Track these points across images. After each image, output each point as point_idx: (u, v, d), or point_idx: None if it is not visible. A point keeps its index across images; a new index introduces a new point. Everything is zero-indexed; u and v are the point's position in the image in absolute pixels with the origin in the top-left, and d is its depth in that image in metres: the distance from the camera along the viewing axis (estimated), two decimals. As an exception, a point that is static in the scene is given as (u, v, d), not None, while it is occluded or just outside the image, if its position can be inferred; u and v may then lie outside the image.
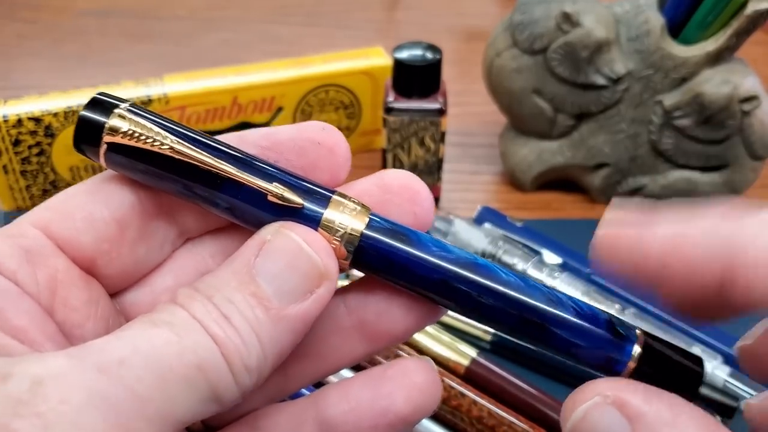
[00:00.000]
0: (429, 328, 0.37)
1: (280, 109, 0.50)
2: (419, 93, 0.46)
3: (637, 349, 0.20)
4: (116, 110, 0.19)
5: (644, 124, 0.47)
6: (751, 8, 0.42)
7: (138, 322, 0.17)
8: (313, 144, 0.20)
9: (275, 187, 0.19)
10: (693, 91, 0.44)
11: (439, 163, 0.48)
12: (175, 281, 0.21)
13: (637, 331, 0.20)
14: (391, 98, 0.46)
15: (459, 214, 0.45)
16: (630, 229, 0.20)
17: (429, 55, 0.45)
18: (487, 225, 0.45)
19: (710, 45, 0.44)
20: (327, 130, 0.20)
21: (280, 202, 0.19)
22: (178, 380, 0.16)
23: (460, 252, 0.20)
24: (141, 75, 0.49)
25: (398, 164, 0.48)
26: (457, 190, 0.51)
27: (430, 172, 0.48)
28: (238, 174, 0.19)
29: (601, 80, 0.46)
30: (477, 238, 0.43)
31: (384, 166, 0.48)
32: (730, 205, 0.19)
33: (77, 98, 0.46)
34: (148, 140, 0.19)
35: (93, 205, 0.20)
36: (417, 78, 0.45)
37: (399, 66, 0.45)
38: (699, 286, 0.19)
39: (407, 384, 0.20)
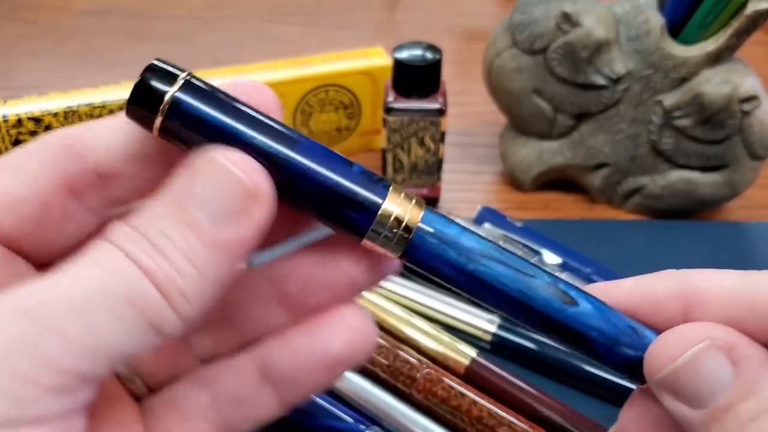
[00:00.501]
0: (429, 328, 0.37)
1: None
2: (419, 93, 0.46)
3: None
4: (181, 76, 0.19)
5: (644, 124, 0.47)
6: (751, 8, 0.42)
7: (66, 263, 0.17)
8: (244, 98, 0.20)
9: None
10: (693, 91, 0.44)
11: (439, 163, 0.48)
12: None
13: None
14: (391, 98, 0.46)
15: (459, 214, 0.45)
16: (598, 285, 0.22)
17: (429, 55, 0.45)
18: (487, 225, 0.45)
19: (710, 45, 0.44)
20: (259, 88, 0.21)
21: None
22: (105, 315, 0.16)
23: (505, 252, 0.21)
24: (141, 75, 0.49)
25: (398, 164, 0.48)
26: (457, 190, 0.51)
27: (430, 172, 0.48)
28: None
29: (600, 80, 0.46)
30: (477, 238, 0.43)
31: (384, 166, 0.48)
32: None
33: (77, 98, 0.46)
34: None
35: (14, 185, 0.19)
36: (417, 78, 0.45)
37: (399, 66, 0.45)
38: (664, 321, 0.20)
39: (344, 328, 0.20)
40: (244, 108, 0.19)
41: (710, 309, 0.20)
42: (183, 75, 0.19)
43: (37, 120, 0.45)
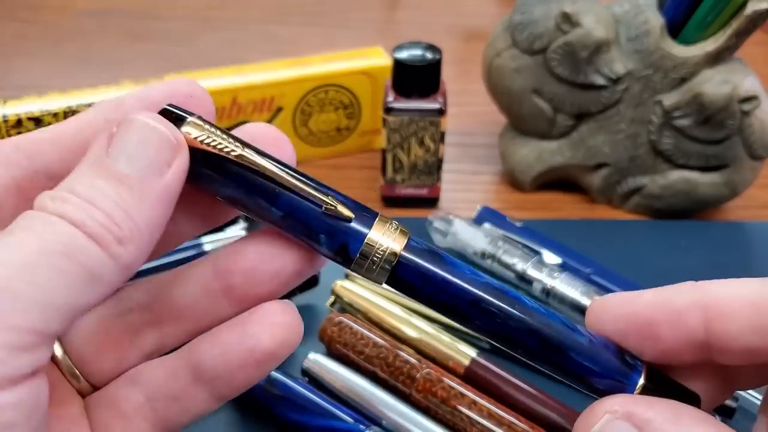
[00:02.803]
0: (429, 328, 0.37)
1: (279, 109, 0.50)
2: (419, 93, 0.46)
3: (641, 380, 0.21)
4: (189, 119, 0.20)
5: (644, 124, 0.47)
6: (750, 8, 0.42)
7: None
8: (186, 97, 0.21)
9: (330, 200, 0.20)
10: (693, 91, 0.44)
11: (439, 163, 0.48)
12: None
13: (641, 362, 0.22)
14: (390, 98, 0.46)
15: (459, 214, 0.45)
16: (618, 296, 0.22)
17: (429, 55, 0.45)
18: (486, 225, 0.45)
19: (710, 45, 0.44)
20: (192, 84, 0.22)
21: (333, 213, 0.20)
22: (47, 271, 0.17)
23: (489, 278, 0.21)
24: (141, 75, 0.49)
25: (398, 164, 0.48)
26: (456, 190, 0.51)
27: (430, 172, 0.48)
28: (298, 184, 0.20)
29: (600, 80, 0.46)
30: (477, 238, 0.43)
31: (384, 166, 0.48)
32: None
33: (77, 98, 0.46)
34: (218, 146, 0.20)
35: None
36: (417, 78, 0.45)
37: (399, 66, 0.45)
38: (685, 333, 0.21)
39: (270, 323, 0.21)
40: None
41: (731, 319, 0.20)
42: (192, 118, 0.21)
43: (37, 120, 0.45)
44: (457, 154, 0.54)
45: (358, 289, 0.39)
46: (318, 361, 0.36)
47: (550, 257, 0.42)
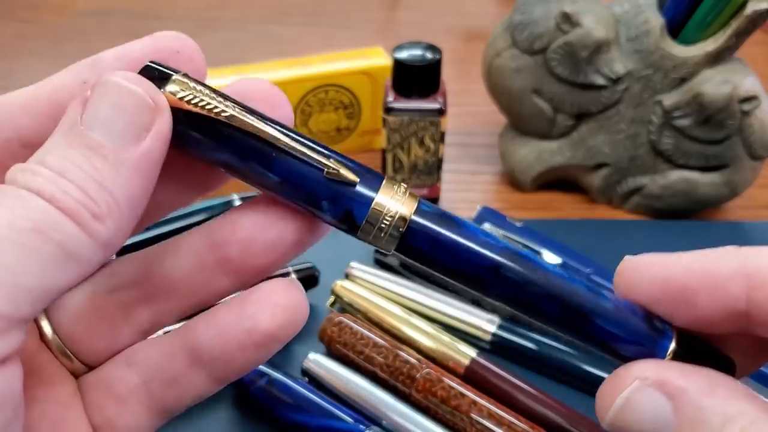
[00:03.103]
0: (429, 328, 0.37)
1: (279, 109, 0.50)
2: (419, 93, 0.46)
3: (672, 345, 0.20)
4: (174, 76, 0.18)
5: (644, 124, 0.47)
6: (750, 8, 0.42)
7: None
8: (173, 53, 0.20)
9: (332, 163, 0.19)
10: (693, 91, 0.44)
11: (439, 163, 0.48)
12: None
13: (671, 327, 0.20)
14: (390, 98, 0.46)
15: (459, 214, 0.45)
16: (653, 258, 0.20)
17: (429, 55, 0.45)
18: (486, 225, 0.45)
19: (710, 45, 0.44)
20: (182, 38, 0.20)
21: (336, 178, 0.19)
22: (15, 249, 0.16)
23: (505, 242, 0.20)
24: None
25: (398, 164, 0.48)
26: (456, 190, 0.51)
27: (430, 172, 0.48)
28: (297, 147, 0.19)
29: (600, 80, 0.46)
30: (477, 238, 0.43)
31: (384, 166, 0.48)
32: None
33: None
34: (207, 106, 0.18)
35: None
36: (417, 78, 0.45)
37: (399, 66, 0.45)
38: (725, 301, 0.19)
39: (270, 303, 0.20)
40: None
41: None
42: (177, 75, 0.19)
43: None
44: (457, 154, 0.54)
45: (358, 289, 0.39)
46: (318, 361, 0.36)
47: (550, 257, 0.42)
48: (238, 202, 0.38)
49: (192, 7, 0.72)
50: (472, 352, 0.36)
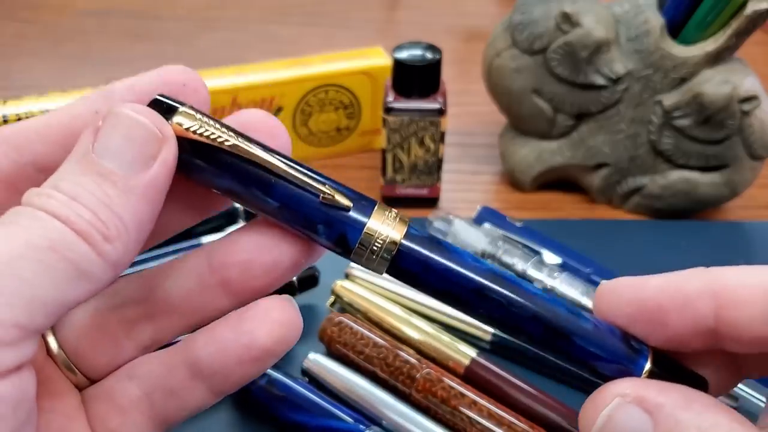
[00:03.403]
0: (429, 328, 0.37)
1: (279, 109, 0.50)
2: (419, 93, 0.46)
3: (648, 365, 0.21)
4: (180, 109, 0.20)
5: (644, 124, 0.47)
6: (750, 8, 0.42)
7: None
8: (179, 86, 0.21)
9: (327, 189, 0.20)
10: (693, 91, 0.44)
11: (439, 163, 0.48)
12: None
13: (647, 347, 0.21)
14: (390, 98, 0.46)
15: (459, 214, 0.45)
16: (628, 281, 0.22)
17: (429, 55, 0.45)
18: (486, 225, 0.45)
19: (710, 45, 0.44)
20: (187, 71, 0.21)
21: (331, 203, 0.20)
22: (33, 265, 0.17)
23: (492, 265, 0.21)
24: (141, 75, 0.49)
25: (398, 164, 0.48)
26: (456, 190, 0.51)
27: (430, 172, 0.48)
28: (295, 174, 0.20)
29: (600, 80, 0.46)
30: (477, 238, 0.43)
31: (384, 166, 0.48)
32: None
33: (77, 98, 0.46)
34: (211, 136, 0.20)
35: None
36: (417, 78, 0.45)
37: (399, 66, 0.45)
38: (694, 319, 0.20)
39: (267, 320, 0.21)
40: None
41: (742, 307, 0.20)
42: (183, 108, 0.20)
43: (37, 120, 0.45)
44: (457, 154, 0.54)
45: (358, 289, 0.39)
46: (318, 361, 0.36)
47: (550, 257, 0.42)
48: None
49: (192, 7, 0.72)
50: (472, 352, 0.36)
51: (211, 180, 0.20)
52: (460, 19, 0.72)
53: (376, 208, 0.21)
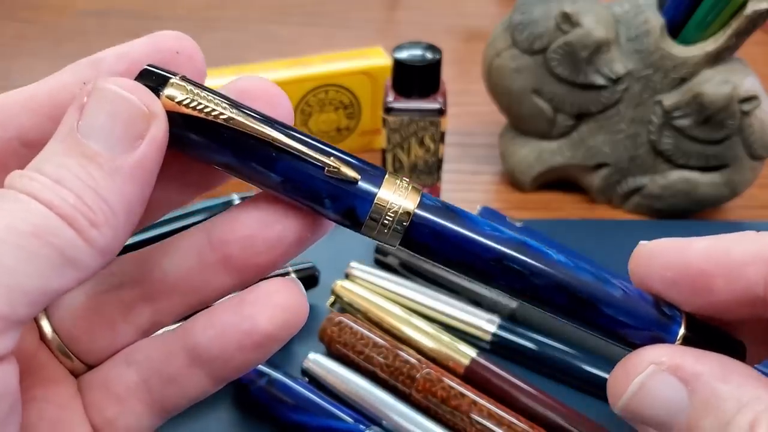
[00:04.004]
0: (429, 328, 0.37)
1: (279, 109, 0.50)
2: (419, 93, 0.46)
3: (682, 330, 0.20)
4: (171, 80, 0.18)
5: (644, 124, 0.47)
6: (750, 8, 0.42)
7: None
8: (172, 53, 0.20)
9: (332, 161, 0.19)
10: (692, 91, 0.44)
11: (439, 163, 0.48)
12: None
13: (679, 312, 0.20)
14: (390, 98, 0.46)
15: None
16: (669, 242, 0.20)
17: (429, 55, 0.45)
18: (486, 225, 0.45)
19: (710, 45, 0.44)
20: (181, 37, 0.20)
21: (336, 176, 0.19)
22: (13, 251, 0.16)
23: (511, 233, 0.20)
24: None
25: (398, 164, 0.48)
26: (457, 190, 0.51)
27: (430, 172, 0.48)
28: (297, 146, 0.19)
29: (600, 80, 0.46)
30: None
31: (384, 166, 0.48)
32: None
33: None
34: (205, 109, 0.18)
35: None
36: (417, 78, 0.45)
37: (399, 66, 0.45)
38: (743, 287, 0.19)
39: (269, 304, 0.19)
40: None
41: None
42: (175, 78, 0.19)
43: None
44: (457, 154, 0.54)
45: (358, 289, 0.39)
46: (318, 361, 0.36)
47: (550, 257, 0.42)
48: (237, 201, 0.38)
49: (192, 7, 0.72)
50: (472, 352, 0.36)
51: (208, 155, 0.19)
52: (460, 19, 0.72)
53: (386, 177, 0.19)
